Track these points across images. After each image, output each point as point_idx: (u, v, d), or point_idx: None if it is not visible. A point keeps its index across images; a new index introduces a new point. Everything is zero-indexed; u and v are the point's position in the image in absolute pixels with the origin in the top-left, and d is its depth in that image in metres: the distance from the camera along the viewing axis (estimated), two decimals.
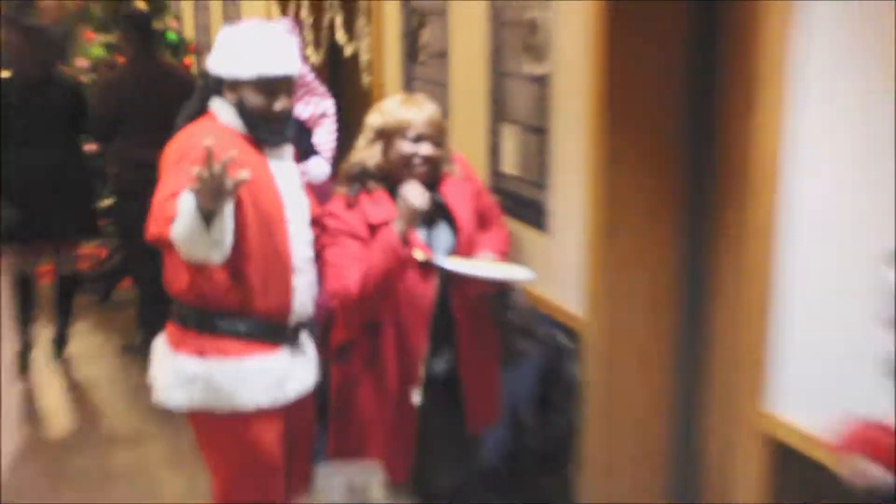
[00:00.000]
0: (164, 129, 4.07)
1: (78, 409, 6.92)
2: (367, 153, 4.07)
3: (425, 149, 4.01)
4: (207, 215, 3.32)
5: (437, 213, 4.16)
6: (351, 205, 4.00)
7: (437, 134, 4.07)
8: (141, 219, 4.95)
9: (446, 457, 4.38)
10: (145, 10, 8.20)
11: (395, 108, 4.10)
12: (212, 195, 3.27)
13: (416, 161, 4.01)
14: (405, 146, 3.99)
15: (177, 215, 3.39)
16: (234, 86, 3.73)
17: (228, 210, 3.40)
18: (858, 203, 3.57)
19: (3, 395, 5.92)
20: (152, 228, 3.60)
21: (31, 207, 6.95)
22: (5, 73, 7.11)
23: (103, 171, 7.90)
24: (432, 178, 4.10)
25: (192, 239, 3.37)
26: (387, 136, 4.03)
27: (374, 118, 4.11)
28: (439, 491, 4.37)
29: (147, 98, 6.64)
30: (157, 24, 8.00)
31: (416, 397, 4.09)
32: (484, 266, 4.13)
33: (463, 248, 4.15)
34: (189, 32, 10.14)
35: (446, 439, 4.35)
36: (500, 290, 4.53)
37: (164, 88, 6.56)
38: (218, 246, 3.43)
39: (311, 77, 4.31)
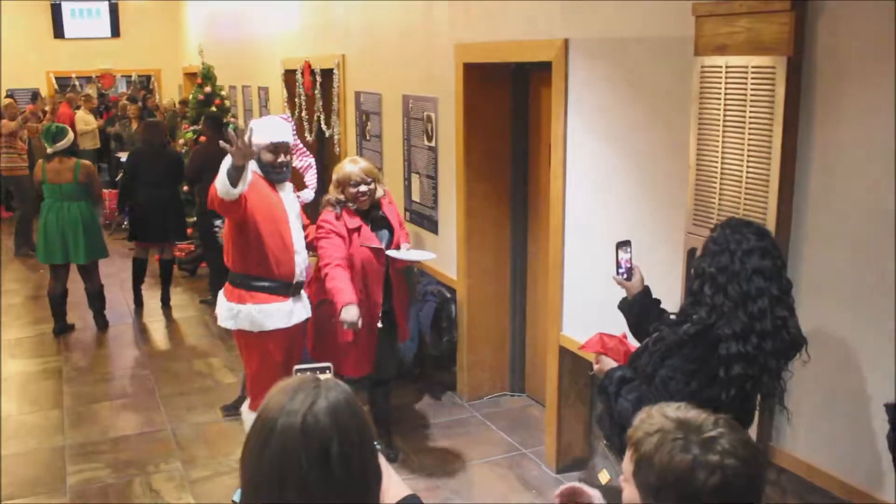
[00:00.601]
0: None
1: (174, 335, 6.90)
2: (335, 192, 4.16)
3: (363, 188, 4.12)
4: (238, 170, 3.49)
5: (381, 222, 4.27)
6: (337, 217, 4.09)
7: (370, 177, 4.15)
8: (211, 228, 5.24)
9: (387, 358, 4.42)
10: (217, 111, 8.25)
11: (344, 166, 4.20)
12: (240, 156, 3.46)
13: (360, 196, 4.13)
14: (350, 189, 4.13)
15: (217, 183, 3.53)
16: (257, 148, 3.82)
17: (248, 166, 3.56)
18: (602, 214, 3.89)
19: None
20: (209, 205, 3.78)
21: (149, 221, 7.11)
22: (127, 152, 7.08)
23: (191, 202, 7.94)
24: (372, 202, 4.19)
25: (226, 183, 3.49)
26: (342, 183, 4.15)
27: (336, 173, 4.20)
28: (382, 378, 4.45)
29: (217, 161, 6.37)
30: (224, 119, 8.01)
31: (379, 323, 4.19)
32: (407, 252, 4.29)
33: (395, 241, 4.26)
34: (241, 123, 10.10)
35: (388, 348, 4.42)
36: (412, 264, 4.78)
37: (225, 156, 6.51)
38: (240, 188, 3.54)
39: (300, 144, 4.38)
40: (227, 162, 3.52)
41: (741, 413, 2.38)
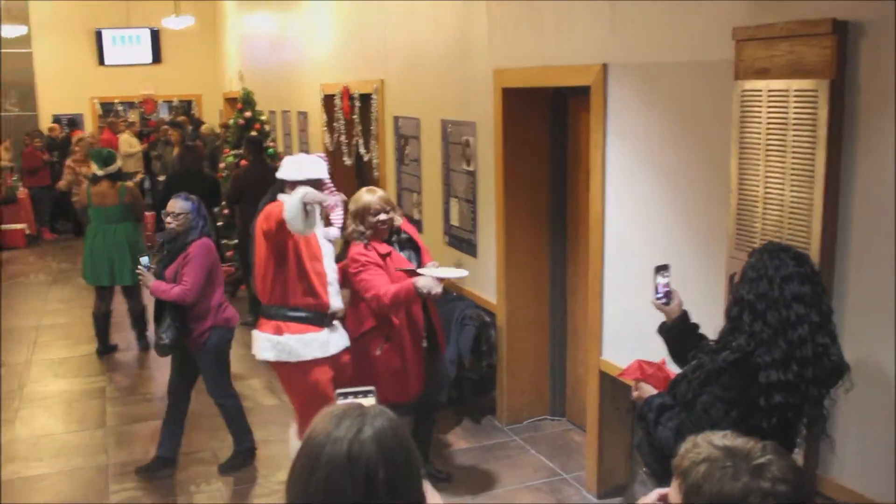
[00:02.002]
0: (258, 203, 4.26)
1: None
2: (355, 224, 4.10)
3: (383, 217, 4.08)
4: (306, 208, 3.53)
5: (407, 244, 4.27)
6: (367, 248, 4.04)
7: (388, 206, 4.13)
8: (250, 251, 5.24)
9: (434, 381, 4.38)
10: (257, 136, 8.24)
11: (362, 196, 4.14)
12: (314, 198, 3.56)
13: (380, 224, 4.09)
14: (371, 218, 4.07)
15: (286, 208, 3.53)
16: (291, 185, 3.87)
17: (315, 209, 3.64)
18: (641, 237, 3.87)
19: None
20: (266, 226, 3.76)
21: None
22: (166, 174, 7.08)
23: (231, 224, 8.06)
24: (392, 229, 4.18)
25: (296, 218, 3.52)
26: (361, 213, 4.09)
27: (353, 205, 4.14)
28: (430, 402, 4.38)
29: (257, 184, 6.40)
30: (264, 143, 8.02)
31: (424, 343, 4.24)
32: (441, 270, 4.20)
33: (424, 261, 4.25)
34: (280, 147, 10.22)
35: (434, 370, 4.37)
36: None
37: (265, 179, 6.37)
38: (309, 226, 3.61)
39: (329, 182, 4.24)
40: (299, 194, 3.55)
41: (783, 441, 2.34)
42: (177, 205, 4.58)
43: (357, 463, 1.41)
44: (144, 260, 4.54)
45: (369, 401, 1.76)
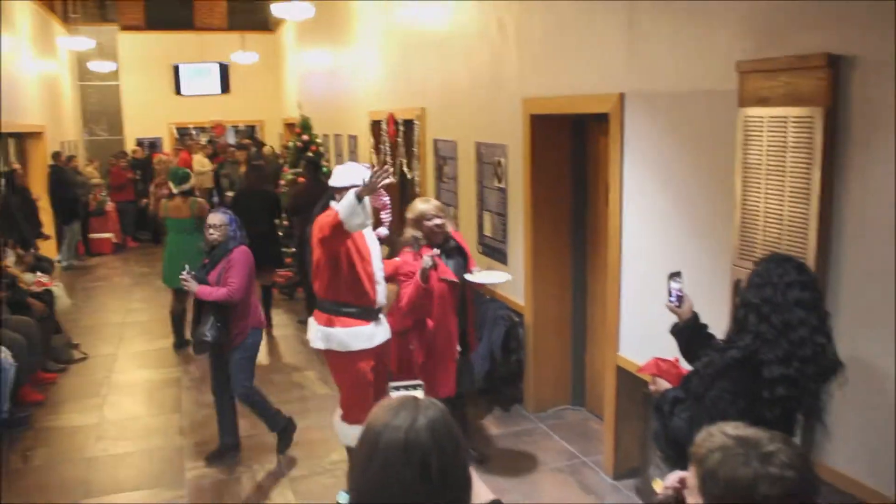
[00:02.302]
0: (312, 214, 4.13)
1: (275, 351, 6.88)
2: (412, 229, 4.14)
3: (437, 221, 4.11)
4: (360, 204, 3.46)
5: (454, 252, 4.22)
6: (415, 258, 4.03)
7: (441, 213, 4.15)
8: (307, 257, 5.22)
9: (461, 374, 4.32)
10: (314, 156, 8.25)
11: (417, 205, 4.20)
12: (367, 191, 3.46)
13: (436, 229, 4.12)
14: (426, 223, 4.12)
15: (342, 208, 3.47)
16: (341, 191, 3.82)
17: (367, 201, 3.50)
18: (655, 248, 3.89)
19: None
20: (320, 234, 3.68)
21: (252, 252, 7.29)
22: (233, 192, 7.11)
23: (290, 234, 8.08)
24: (446, 234, 4.16)
25: (353, 214, 3.47)
26: (418, 220, 4.14)
27: (410, 213, 4.19)
28: (460, 392, 4.36)
29: (314, 198, 6.17)
30: (319, 162, 7.98)
31: (459, 348, 4.22)
32: (485, 275, 4.25)
33: (470, 266, 4.24)
34: (333, 166, 10.25)
35: (462, 364, 4.35)
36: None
37: (320, 194, 6.34)
38: (364, 221, 3.54)
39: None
40: (350, 197, 3.50)
41: (784, 430, 2.27)
42: (216, 218, 4.61)
43: (412, 450, 1.39)
44: (188, 267, 4.51)
45: (418, 393, 1.75)
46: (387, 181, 3.56)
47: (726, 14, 3.16)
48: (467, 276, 4.13)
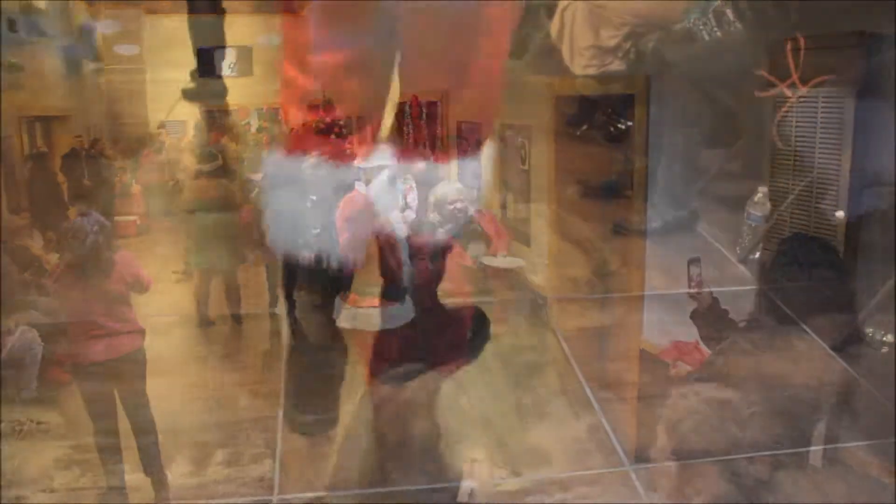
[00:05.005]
0: None
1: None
2: (432, 213, 3.89)
3: (459, 205, 3.87)
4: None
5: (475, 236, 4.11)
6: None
7: (462, 196, 3.89)
8: None
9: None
10: None
11: (439, 187, 3.94)
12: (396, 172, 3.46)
13: (458, 213, 3.90)
14: (448, 206, 3.86)
15: (373, 187, 3.46)
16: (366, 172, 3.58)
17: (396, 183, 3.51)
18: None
19: None
20: (346, 212, 3.60)
21: None
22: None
23: None
24: (466, 219, 3.95)
25: (382, 194, 3.49)
26: (439, 203, 3.87)
27: (432, 196, 3.89)
28: None
29: None
30: None
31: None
32: (499, 259, 4.21)
33: (493, 249, 4.21)
34: None
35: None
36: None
37: None
38: (393, 200, 3.56)
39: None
40: (383, 173, 3.51)
41: None
42: None
43: None
44: None
45: None
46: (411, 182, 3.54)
47: None
48: (483, 260, 4.10)
